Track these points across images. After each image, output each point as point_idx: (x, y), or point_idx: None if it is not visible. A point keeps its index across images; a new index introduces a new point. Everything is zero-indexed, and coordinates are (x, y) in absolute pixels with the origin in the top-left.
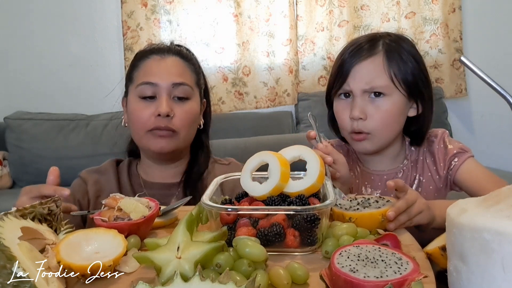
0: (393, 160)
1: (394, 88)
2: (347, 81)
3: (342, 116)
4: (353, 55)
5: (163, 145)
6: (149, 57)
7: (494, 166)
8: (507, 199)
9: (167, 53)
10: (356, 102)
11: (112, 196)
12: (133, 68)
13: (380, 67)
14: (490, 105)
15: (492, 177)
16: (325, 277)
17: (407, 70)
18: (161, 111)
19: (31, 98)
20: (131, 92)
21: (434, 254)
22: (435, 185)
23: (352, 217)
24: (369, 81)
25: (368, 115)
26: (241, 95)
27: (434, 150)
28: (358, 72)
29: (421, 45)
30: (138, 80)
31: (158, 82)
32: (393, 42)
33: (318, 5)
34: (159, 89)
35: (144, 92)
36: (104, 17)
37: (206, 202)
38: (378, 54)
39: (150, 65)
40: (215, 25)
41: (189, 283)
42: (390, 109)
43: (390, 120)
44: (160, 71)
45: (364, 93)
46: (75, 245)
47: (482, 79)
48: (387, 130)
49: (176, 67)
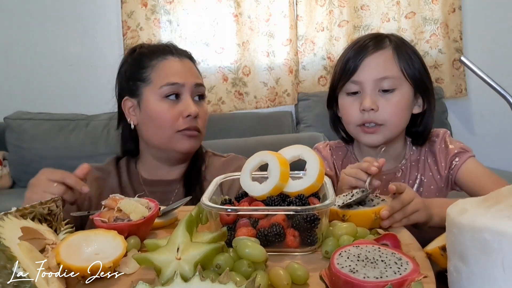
0: (394, 160)
1: (404, 80)
2: (356, 74)
3: (350, 110)
4: (359, 51)
5: (192, 145)
6: (166, 58)
7: (494, 166)
8: (507, 199)
9: (181, 56)
10: (367, 94)
11: (112, 197)
12: (145, 68)
13: (391, 59)
14: (490, 105)
15: (492, 176)
16: (325, 277)
17: (415, 66)
18: (191, 112)
19: (31, 98)
20: (150, 93)
21: (434, 254)
22: (436, 185)
23: (346, 214)
24: (381, 71)
25: (379, 106)
26: (241, 95)
27: (436, 150)
28: (368, 64)
29: (421, 45)
30: (161, 81)
31: (184, 82)
32: (398, 40)
33: (318, 5)
34: (184, 89)
35: (169, 92)
36: (104, 17)
37: (205, 203)
38: (387, 48)
39: (171, 66)
40: (215, 25)
41: (189, 283)
42: (401, 101)
43: (401, 112)
44: (184, 72)
45: (375, 87)
46: (75, 247)
47: (482, 79)
48: (398, 122)
49: (193, 69)
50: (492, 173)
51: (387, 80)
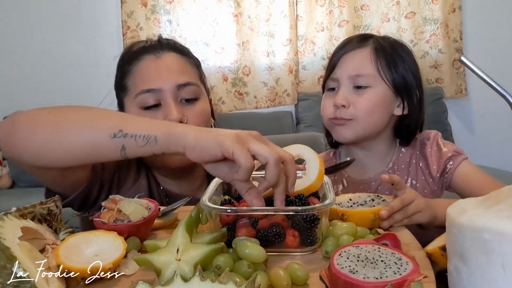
0: (380, 160)
1: (380, 79)
2: (334, 71)
3: (325, 105)
4: (342, 47)
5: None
6: (141, 59)
7: (494, 166)
8: (507, 199)
9: (162, 50)
10: (340, 90)
11: (112, 197)
12: (124, 75)
13: (368, 57)
14: (490, 105)
15: (487, 178)
16: (324, 278)
17: (396, 69)
18: (172, 119)
19: (31, 98)
20: (129, 104)
21: (434, 254)
22: (430, 189)
23: (345, 213)
24: (355, 68)
25: (350, 103)
26: (241, 95)
27: (427, 153)
28: (345, 60)
29: (421, 45)
30: (136, 89)
31: (160, 87)
32: (386, 43)
33: (318, 5)
34: (163, 94)
35: (146, 101)
36: (104, 17)
37: (205, 203)
38: (366, 47)
39: (146, 68)
40: (215, 25)
41: (189, 283)
42: (373, 98)
43: (373, 109)
44: (160, 73)
45: (349, 83)
46: (74, 248)
47: (482, 79)
48: (369, 119)
49: (176, 65)
50: (487, 175)
51: (361, 78)
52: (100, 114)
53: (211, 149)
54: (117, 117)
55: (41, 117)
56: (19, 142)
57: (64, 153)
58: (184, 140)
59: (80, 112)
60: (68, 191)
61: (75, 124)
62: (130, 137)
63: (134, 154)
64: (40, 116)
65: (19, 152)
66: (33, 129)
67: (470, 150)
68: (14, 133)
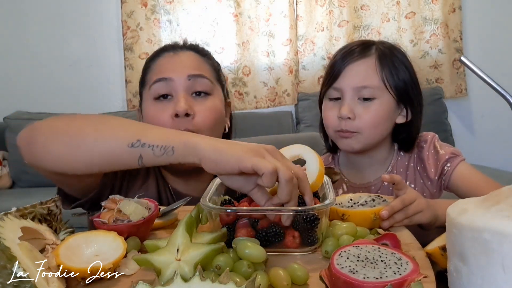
0: (380, 164)
1: (385, 90)
2: (337, 80)
3: (329, 115)
4: (345, 56)
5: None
6: (161, 55)
7: (494, 166)
8: (507, 199)
9: (181, 49)
10: (346, 101)
11: (112, 197)
12: (146, 71)
13: (373, 68)
14: (490, 105)
15: (485, 179)
16: (324, 278)
17: (399, 76)
18: (178, 110)
19: (31, 98)
20: (145, 96)
21: (434, 254)
22: (428, 191)
23: (345, 213)
24: (361, 80)
25: (356, 115)
26: (241, 95)
27: (424, 156)
28: (349, 71)
29: (421, 45)
30: (151, 81)
31: (172, 77)
32: (386, 49)
33: (318, 5)
34: (175, 84)
35: (158, 91)
36: (104, 17)
37: (205, 203)
38: (370, 57)
39: (163, 62)
40: (215, 25)
41: (189, 283)
42: (379, 110)
43: (379, 122)
44: (174, 65)
45: (354, 95)
46: (74, 248)
47: (482, 79)
48: (375, 131)
49: (192, 61)
50: (484, 176)
51: (367, 89)
52: (117, 124)
53: (228, 164)
54: (134, 127)
55: (61, 126)
56: (39, 150)
57: (83, 162)
58: (202, 151)
59: (98, 122)
60: (81, 195)
61: (94, 133)
62: (147, 147)
63: (151, 163)
64: (59, 125)
65: (38, 160)
66: (52, 138)
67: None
68: (34, 142)
